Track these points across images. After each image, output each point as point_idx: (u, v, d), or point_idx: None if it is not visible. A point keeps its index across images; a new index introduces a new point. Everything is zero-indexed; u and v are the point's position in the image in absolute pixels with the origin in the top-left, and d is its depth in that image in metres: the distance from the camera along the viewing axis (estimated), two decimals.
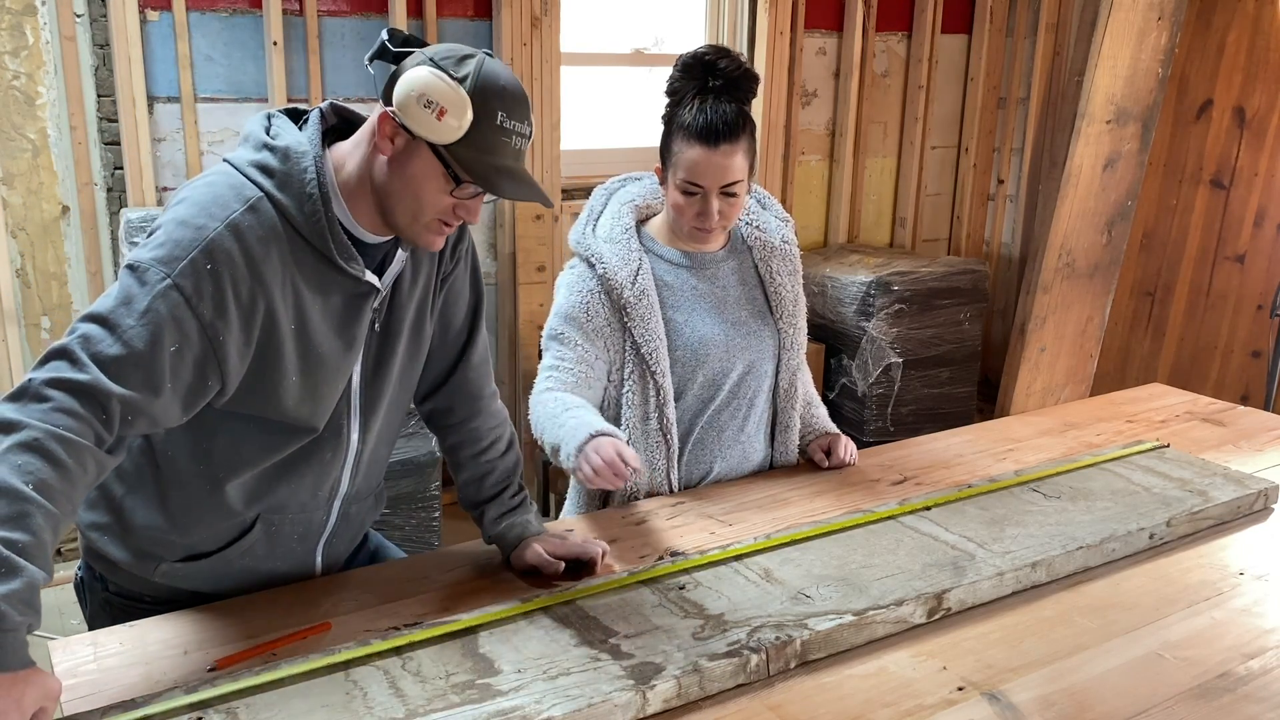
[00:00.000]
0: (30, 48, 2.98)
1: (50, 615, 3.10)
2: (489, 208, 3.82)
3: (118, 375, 1.20)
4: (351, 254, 1.36)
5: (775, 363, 1.94)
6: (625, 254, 1.83)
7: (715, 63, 1.75)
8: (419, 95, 1.28)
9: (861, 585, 1.48)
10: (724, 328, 1.87)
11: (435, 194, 1.33)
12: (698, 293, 1.88)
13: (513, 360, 3.92)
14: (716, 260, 1.91)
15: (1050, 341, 4.11)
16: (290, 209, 1.31)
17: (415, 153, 1.32)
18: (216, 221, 1.27)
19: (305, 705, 1.20)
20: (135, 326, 1.21)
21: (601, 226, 1.89)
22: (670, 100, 1.80)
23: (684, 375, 1.85)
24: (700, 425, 1.88)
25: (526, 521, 1.59)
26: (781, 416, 1.98)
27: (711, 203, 1.76)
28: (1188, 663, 1.37)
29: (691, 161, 1.74)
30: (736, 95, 1.76)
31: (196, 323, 1.24)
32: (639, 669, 1.27)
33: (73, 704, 1.21)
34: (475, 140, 1.30)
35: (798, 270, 1.97)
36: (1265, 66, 4.13)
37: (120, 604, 1.49)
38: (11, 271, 3.04)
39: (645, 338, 1.80)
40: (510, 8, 3.54)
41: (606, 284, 1.81)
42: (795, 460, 2.02)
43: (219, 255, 1.25)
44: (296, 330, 1.35)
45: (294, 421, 1.40)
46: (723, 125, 1.72)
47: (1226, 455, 2.09)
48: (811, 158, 4.55)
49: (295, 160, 1.32)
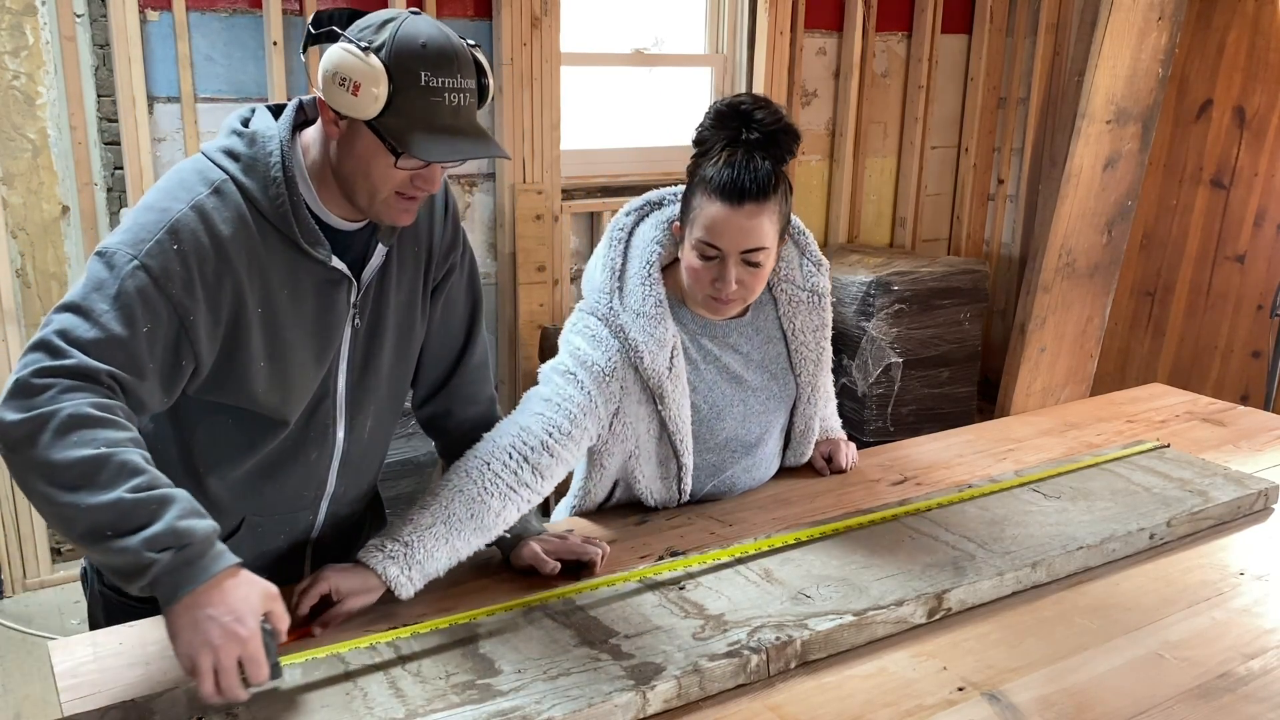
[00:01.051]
0: (30, 48, 2.98)
1: (50, 615, 3.10)
2: (488, 209, 3.82)
3: (100, 356, 1.21)
4: (317, 239, 1.36)
5: (790, 413, 1.86)
6: (661, 335, 1.63)
7: (752, 113, 1.57)
8: (333, 74, 1.27)
9: (861, 585, 1.48)
10: (742, 396, 1.77)
11: (383, 169, 1.32)
12: (718, 364, 1.75)
13: (513, 360, 3.92)
14: (742, 324, 1.77)
15: (1050, 341, 4.11)
16: (255, 192, 1.32)
17: (356, 132, 1.31)
18: (180, 203, 1.28)
19: (305, 705, 1.20)
20: (109, 310, 1.22)
21: (631, 292, 1.65)
22: (697, 151, 1.62)
23: (699, 441, 1.76)
24: (711, 485, 1.83)
25: (526, 521, 1.59)
26: (793, 451, 1.92)
27: (729, 269, 1.57)
28: (1188, 663, 1.37)
29: (710, 219, 1.55)
30: (772, 152, 1.56)
31: (166, 302, 1.25)
32: (639, 669, 1.27)
33: (72, 704, 1.21)
34: (402, 107, 1.27)
35: (826, 324, 1.82)
36: (1265, 66, 4.13)
37: (111, 598, 1.49)
38: (11, 271, 3.04)
39: (676, 424, 1.68)
40: (510, 8, 3.54)
41: (640, 365, 1.64)
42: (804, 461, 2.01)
43: (184, 235, 1.26)
44: (264, 315, 1.34)
45: (266, 411, 1.39)
46: (750, 183, 1.53)
47: (1226, 455, 2.09)
48: (811, 158, 4.55)
49: (261, 145, 1.33)
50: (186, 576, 1.14)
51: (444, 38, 1.30)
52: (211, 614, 1.14)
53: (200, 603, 1.14)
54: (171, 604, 1.14)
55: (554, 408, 1.59)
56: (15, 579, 3.19)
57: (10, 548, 3.17)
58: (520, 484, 1.52)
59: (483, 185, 3.81)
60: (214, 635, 1.13)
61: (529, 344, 3.86)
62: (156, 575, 1.13)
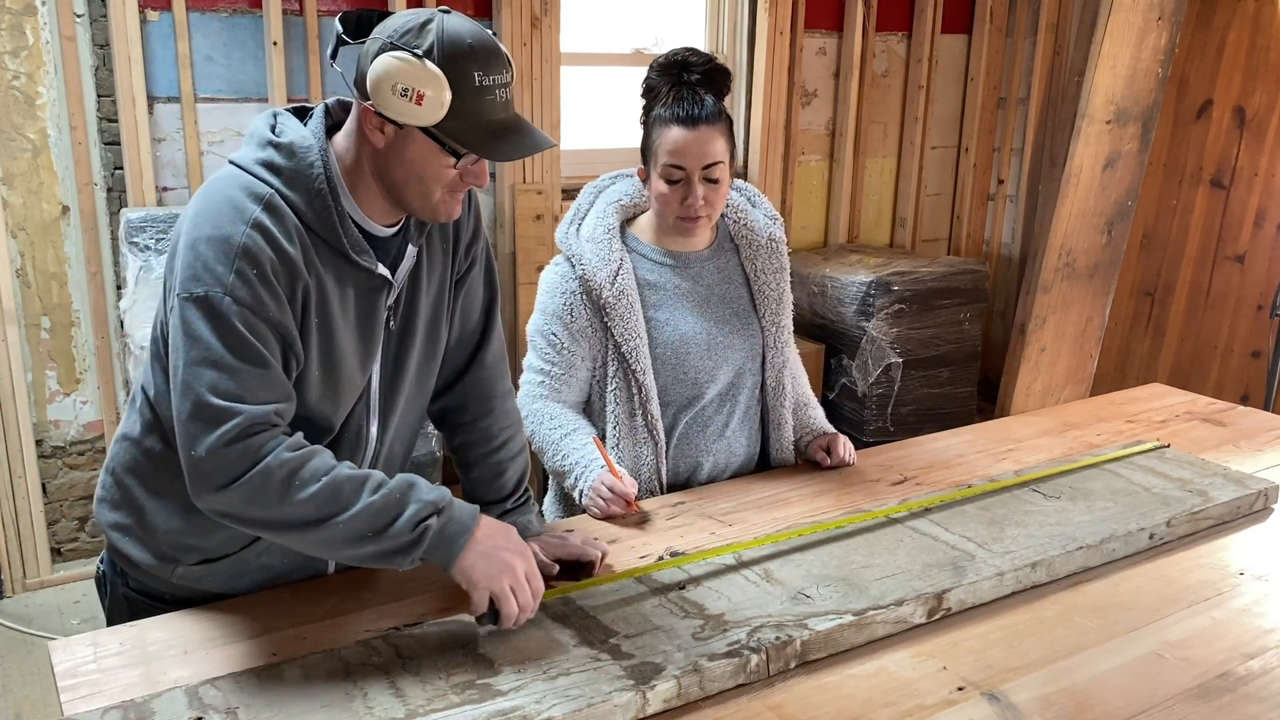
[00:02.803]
0: (30, 48, 2.98)
1: (50, 615, 3.10)
2: (488, 209, 3.82)
3: (256, 399, 1.26)
4: (363, 247, 1.37)
5: (760, 360, 1.95)
6: (606, 253, 1.84)
7: (688, 60, 1.80)
8: (392, 85, 1.26)
9: (861, 585, 1.48)
10: (706, 326, 1.89)
11: (439, 171, 1.33)
12: (680, 291, 1.89)
13: (513, 360, 3.91)
14: (701, 259, 1.92)
15: (1050, 341, 4.11)
16: (300, 205, 1.32)
17: (408, 138, 1.31)
18: (241, 226, 1.28)
19: (305, 705, 1.20)
20: (230, 351, 1.26)
21: (586, 226, 1.90)
22: (647, 99, 1.84)
23: (666, 373, 1.87)
24: (684, 422, 1.90)
25: (527, 522, 1.60)
26: (772, 414, 1.98)
27: (695, 187, 1.77)
28: (1188, 663, 1.37)
29: (673, 143, 1.76)
30: (712, 89, 1.79)
31: (268, 326, 1.28)
32: (639, 669, 1.27)
33: (73, 704, 1.21)
34: (460, 110, 1.28)
35: (784, 268, 1.98)
36: (1265, 66, 4.13)
37: (139, 601, 1.50)
38: (11, 271, 3.04)
39: (625, 336, 1.83)
40: (510, 8, 3.54)
41: (586, 284, 1.83)
42: (793, 459, 2.02)
43: (258, 258, 1.27)
44: (319, 324, 1.36)
45: (315, 418, 1.40)
46: (701, 109, 1.76)
47: (1226, 455, 2.09)
48: (811, 158, 4.55)
49: (301, 156, 1.32)
50: (458, 528, 1.32)
51: (485, 35, 1.31)
52: (495, 545, 1.34)
53: (481, 541, 1.33)
54: (455, 557, 1.32)
55: (551, 375, 1.88)
56: (15, 579, 3.19)
57: (10, 548, 3.17)
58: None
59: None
60: (506, 558, 1.33)
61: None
62: (432, 542, 1.30)
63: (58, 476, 3.29)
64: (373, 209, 1.39)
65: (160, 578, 1.47)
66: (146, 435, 1.44)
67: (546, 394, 1.88)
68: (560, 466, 1.82)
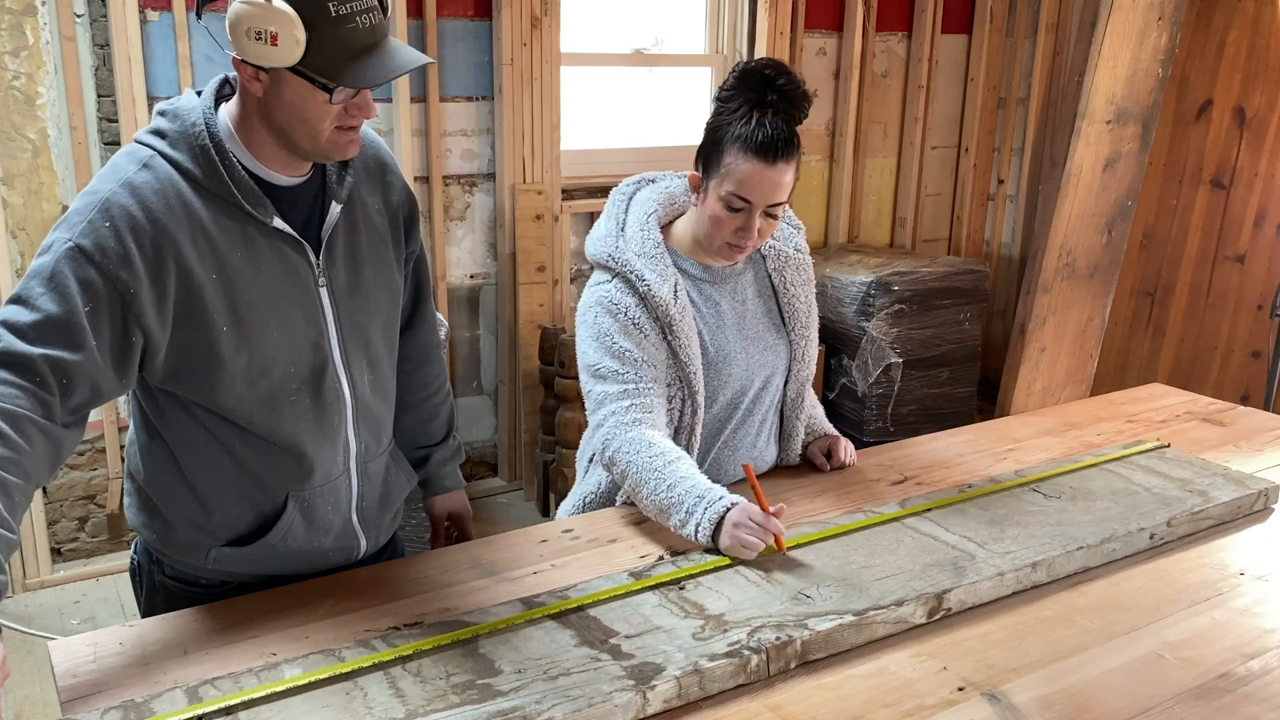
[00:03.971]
0: (30, 48, 2.98)
1: (50, 615, 3.10)
2: (488, 209, 3.82)
3: (36, 339, 1.24)
4: (258, 199, 1.38)
5: (786, 374, 1.91)
6: (662, 270, 1.75)
7: (774, 79, 1.68)
8: (245, 30, 1.27)
9: (861, 585, 1.48)
10: (744, 344, 1.84)
11: (319, 108, 1.33)
12: (719, 309, 1.83)
13: (513, 360, 3.92)
14: (735, 273, 1.85)
15: (1050, 341, 4.12)
16: (186, 164, 1.34)
17: (281, 81, 1.32)
18: (111, 184, 1.32)
19: (305, 706, 1.20)
20: (45, 293, 1.26)
21: (630, 239, 1.78)
22: (721, 108, 1.71)
23: (709, 394, 1.82)
24: (720, 441, 1.86)
25: (458, 472, 1.79)
26: (787, 424, 1.95)
27: (754, 220, 1.68)
28: (1188, 663, 1.37)
29: (745, 175, 1.65)
30: (791, 114, 1.68)
31: (103, 278, 1.28)
32: (639, 669, 1.27)
33: (73, 704, 1.21)
34: (321, 44, 1.28)
35: (811, 280, 1.92)
36: (1265, 66, 4.13)
37: (176, 589, 1.53)
38: (12, 271, 3.04)
39: (688, 357, 1.75)
40: (510, 8, 3.54)
41: (650, 301, 1.73)
42: (797, 462, 2.02)
43: (115, 211, 1.29)
44: (219, 279, 1.36)
45: (245, 372, 1.40)
46: (783, 143, 1.65)
47: (1227, 455, 2.09)
48: (811, 158, 4.55)
49: (184, 116, 1.36)
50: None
51: None
52: None
53: None
54: None
55: (638, 400, 1.70)
56: (15, 579, 3.19)
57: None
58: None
59: (483, 185, 3.81)
60: None
61: (529, 344, 3.86)
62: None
63: (57, 477, 3.29)
64: (272, 160, 1.40)
65: (195, 564, 1.51)
66: (139, 431, 1.49)
67: (639, 418, 1.70)
68: (664, 500, 1.62)
